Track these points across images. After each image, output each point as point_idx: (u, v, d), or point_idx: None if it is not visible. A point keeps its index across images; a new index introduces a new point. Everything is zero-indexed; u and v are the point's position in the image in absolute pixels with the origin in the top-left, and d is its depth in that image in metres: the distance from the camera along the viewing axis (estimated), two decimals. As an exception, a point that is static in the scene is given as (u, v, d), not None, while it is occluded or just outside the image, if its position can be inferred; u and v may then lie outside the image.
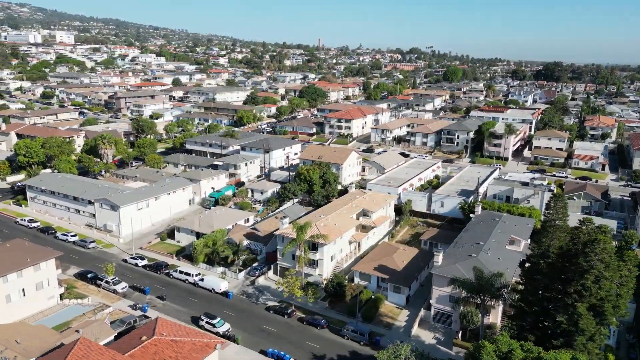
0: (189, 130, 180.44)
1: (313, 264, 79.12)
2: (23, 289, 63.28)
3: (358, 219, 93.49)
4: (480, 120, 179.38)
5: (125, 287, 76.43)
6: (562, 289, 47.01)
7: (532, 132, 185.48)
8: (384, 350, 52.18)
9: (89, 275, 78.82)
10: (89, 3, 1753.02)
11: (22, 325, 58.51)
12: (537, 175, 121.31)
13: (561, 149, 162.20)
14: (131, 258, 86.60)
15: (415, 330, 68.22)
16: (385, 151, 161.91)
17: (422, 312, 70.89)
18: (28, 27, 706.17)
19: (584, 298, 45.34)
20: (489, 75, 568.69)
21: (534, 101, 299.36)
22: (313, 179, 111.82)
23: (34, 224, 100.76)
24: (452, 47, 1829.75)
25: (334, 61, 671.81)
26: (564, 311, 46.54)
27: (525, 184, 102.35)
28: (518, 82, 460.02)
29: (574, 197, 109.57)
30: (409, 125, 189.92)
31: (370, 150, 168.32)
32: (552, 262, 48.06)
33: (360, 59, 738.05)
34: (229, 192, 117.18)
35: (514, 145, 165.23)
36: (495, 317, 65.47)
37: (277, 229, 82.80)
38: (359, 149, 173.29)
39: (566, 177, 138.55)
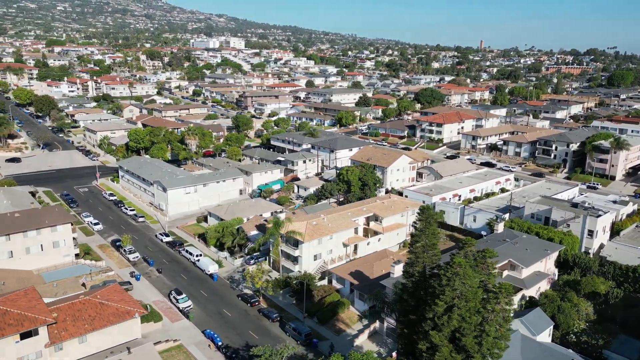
0: (283, 127, 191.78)
1: (294, 260, 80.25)
2: (41, 245, 77.97)
3: (369, 223, 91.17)
4: (596, 132, 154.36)
5: (137, 257, 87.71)
6: (422, 314, 41.72)
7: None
8: (261, 347, 52.09)
9: (117, 243, 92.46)
10: (273, 12, 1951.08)
11: (25, 272, 72.60)
12: (618, 198, 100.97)
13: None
14: (160, 234, 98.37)
15: (362, 341, 65.39)
16: (459, 157, 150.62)
17: (377, 324, 67.29)
18: (220, 35, 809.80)
19: (438, 327, 39.68)
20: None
21: None
22: (351, 180, 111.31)
23: (112, 197, 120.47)
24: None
25: (487, 63, 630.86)
26: (424, 338, 41.44)
27: (574, 205, 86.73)
28: None
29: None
30: (512, 133, 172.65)
31: (454, 157, 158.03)
32: (416, 282, 42.56)
33: (522, 61, 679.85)
34: (276, 186, 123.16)
35: (629, 162, 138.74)
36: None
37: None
38: (445, 155, 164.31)
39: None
